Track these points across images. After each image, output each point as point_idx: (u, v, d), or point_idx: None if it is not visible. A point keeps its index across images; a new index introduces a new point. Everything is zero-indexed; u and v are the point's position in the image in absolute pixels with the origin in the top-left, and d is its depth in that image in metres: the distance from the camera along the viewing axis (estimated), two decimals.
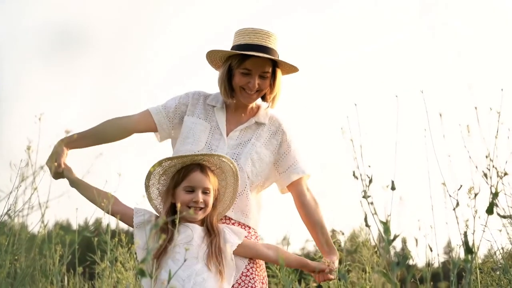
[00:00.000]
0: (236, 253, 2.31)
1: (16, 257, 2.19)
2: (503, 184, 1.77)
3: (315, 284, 3.85)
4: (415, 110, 1.84)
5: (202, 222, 2.28)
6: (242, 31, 2.51)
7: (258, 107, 2.63)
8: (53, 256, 2.76)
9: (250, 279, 2.40)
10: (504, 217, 1.80)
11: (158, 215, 2.34)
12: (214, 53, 2.52)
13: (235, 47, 2.50)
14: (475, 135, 1.77)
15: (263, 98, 2.58)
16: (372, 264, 3.82)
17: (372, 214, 1.59)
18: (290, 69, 2.56)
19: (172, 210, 2.26)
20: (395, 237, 1.55)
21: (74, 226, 2.17)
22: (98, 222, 2.20)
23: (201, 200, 2.23)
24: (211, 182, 2.27)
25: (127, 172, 2.24)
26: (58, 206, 1.88)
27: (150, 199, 2.35)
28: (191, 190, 2.24)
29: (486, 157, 1.77)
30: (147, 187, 2.32)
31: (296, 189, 2.62)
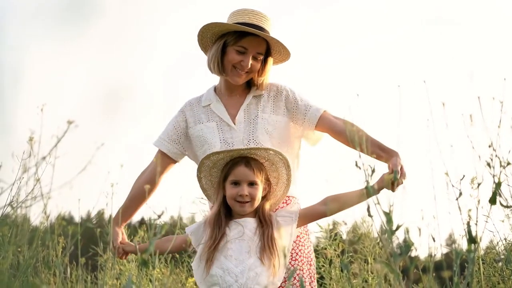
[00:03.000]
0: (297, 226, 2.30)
1: (19, 249, 2.19)
2: (506, 174, 1.76)
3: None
4: (417, 100, 1.83)
5: (255, 213, 2.27)
6: (241, 11, 2.48)
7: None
8: (55, 247, 2.76)
9: (297, 262, 2.39)
10: (507, 207, 1.80)
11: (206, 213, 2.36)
12: (211, 26, 2.45)
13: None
14: (478, 124, 1.77)
15: (250, 84, 2.57)
16: (374, 255, 3.83)
17: (375, 204, 1.59)
18: (281, 58, 2.55)
19: (224, 202, 2.28)
20: (398, 227, 1.55)
21: (77, 218, 2.17)
22: (100, 214, 2.19)
23: (246, 193, 2.21)
24: (258, 175, 2.25)
25: (129, 163, 2.24)
26: (60, 197, 1.88)
27: (203, 189, 2.37)
28: (237, 183, 2.24)
29: (489, 146, 1.77)
30: (199, 178, 2.34)
31: (324, 124, 2.50)
